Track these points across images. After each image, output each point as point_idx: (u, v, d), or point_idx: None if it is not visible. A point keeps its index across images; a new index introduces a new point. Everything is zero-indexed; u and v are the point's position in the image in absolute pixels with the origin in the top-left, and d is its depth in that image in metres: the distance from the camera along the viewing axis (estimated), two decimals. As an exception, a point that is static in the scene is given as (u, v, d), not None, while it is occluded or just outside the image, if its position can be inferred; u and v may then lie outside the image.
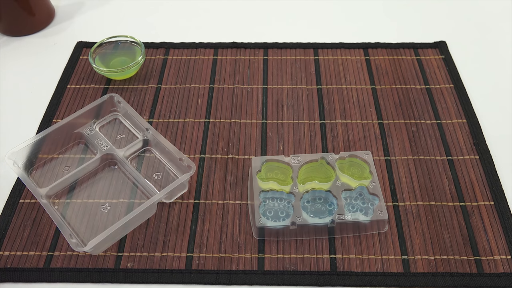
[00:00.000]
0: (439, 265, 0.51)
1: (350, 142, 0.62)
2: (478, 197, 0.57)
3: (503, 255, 0.52)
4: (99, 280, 0.51)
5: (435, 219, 0.55)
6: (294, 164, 0.57)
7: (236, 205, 0.56)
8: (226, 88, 0.69)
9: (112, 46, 0.71)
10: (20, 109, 0.67)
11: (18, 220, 0.55)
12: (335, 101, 0.67)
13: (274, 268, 0.51)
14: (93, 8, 0.83)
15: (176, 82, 0.70)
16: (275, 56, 0.73)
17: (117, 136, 0.62)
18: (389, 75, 0.70)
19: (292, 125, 0.64)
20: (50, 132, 0.59)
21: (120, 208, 0.56)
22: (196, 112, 0.66)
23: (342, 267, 0.51)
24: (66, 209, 0.55)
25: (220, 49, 0.74)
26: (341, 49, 0.74)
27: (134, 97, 0.68)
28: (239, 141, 0.62)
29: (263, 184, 0.55)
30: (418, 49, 0.74)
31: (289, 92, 0.68)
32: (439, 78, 0.70)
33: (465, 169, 0.59)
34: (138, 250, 0.53)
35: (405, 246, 0.53)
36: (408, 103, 0.66)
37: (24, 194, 0.57)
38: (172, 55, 0.73)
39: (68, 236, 0.49)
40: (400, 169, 0.59)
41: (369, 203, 0.54)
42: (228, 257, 0.52)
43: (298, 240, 0.53)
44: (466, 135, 0.63)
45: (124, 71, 0.67)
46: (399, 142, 0.62)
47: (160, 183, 0.57)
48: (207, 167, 0.60)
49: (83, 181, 0.58)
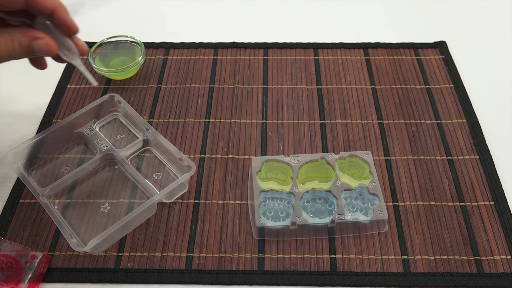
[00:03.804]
0: (439, 265, 0.51)
1: (350, 142, 0.62)
2: (478, 197, 0.57)
3: (503, 255, 0.52)
4: (99, 280, 0.51)
5: (435, 219, 0.55)
6: (294, 164, 0.57)
7: (236, 205, 0.56)
8: (226, 88, 0.69)
9: (112, 46, 0.71)
10: (20, 109, 0.67)
11: (18, 220, 0.55)
12: (335, 101, 0.67)
13: (274, 268, 0.51)
14: (93, 8, 0.83)
15: (176, 82, 0.70)
16: (275, 56, 0.73)
17: (117, 136, 0.62)
18: (389, 75, 0.70)
19: (292, 125, 0.64)
20: (50, 132, 0.59)
21: (120, 208, 0.56)
22: (196, 112, 0.66)
23: (342, 267, 0.51)
24: (66, 209, 0.55)
25: (220, 49, 0.74)
26: (341, 49, 0.74)
27: (134, 97, 0.68)
28: (239, 141, 0.62)
29: (263, 184, 0.55)
30: (418, 49, 0.74)
31: (289, 92, 0.68)
32: (439, 78, 0.70)
33: (465, 169, 0.59)
34: (138, 250, 0.53)
35: (405, 246, 0.53)
36: (408, 103, 0.66)
37: (24, 194, 0.57)
38: (172, 55, 0.73)
39: (68, 236, 0.49)
40: (400, 169, 0.59)
41: (369, 203, 0.54)
42: (228, 257, 0.52)
43: (298, 240, 0.53)
44: (466, 135, 0.63)
45: (124, 71, 0.67)
46: (399, 142, 0.62)
47: (160, 183, 0.57)
48: (207, 167, 0.60)
49: (83, 181, 0.58)
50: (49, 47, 0.49)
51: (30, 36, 0.48)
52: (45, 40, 0.48)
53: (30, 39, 0.48)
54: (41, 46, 0.48)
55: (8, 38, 0.47)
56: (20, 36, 0.48)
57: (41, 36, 0.48)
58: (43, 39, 0.48)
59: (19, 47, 0.48)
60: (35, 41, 0.48)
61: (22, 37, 0.48)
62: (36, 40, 0.48)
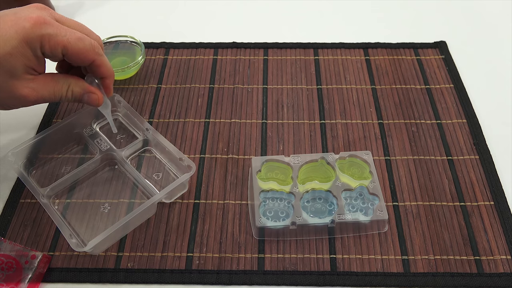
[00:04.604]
0: (439, 265, 0.51)
1: (350, 142, 0.62)
2: (478, 197, 0.57)
3: (503, 255, 0.52)
4: (99, 280, 0.51)
5: (435, 219, 0.55)
6: (294, 164, 0.57)
7: (236, 205, 0.56)
8: (226, 88, 0.69)
9: (112, 46, 0.71)
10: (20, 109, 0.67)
11: (18, 220, 0.55)
12: (335, 101, 0.67)
13: (274, 268, 0.51)
14: (93, 8, 0.83)
15: (176, 82, 0.70)
16: (275, 56, 0.73)
17: (117, 136, 0.62)
18: (389, 75, 0.70)
19: (292, 125, 0.64)
20: (50, 132, 0.59)
21: (120, 208, 0.56)
22: (196, 112, 0.66)
23: (342, 267, 0.51)
24: (66, 209, 0.55)
25: (220, 49, 0.74)
26: (341, 49, 0.74)
27: (134, 97, 0.68)
28: (239, 141, 0.62)
29: (263, 184, 0.55)
30: (418, 49, 0.74)
31: (289, 92, 0.68)
32: (439, 78, 0.70)
33: (465, 169, 0.59)
34: (138, 250, 0.53)
35: (405, 246, 0.53)
36: (408, 103, 0.66)
37: (24, 194, 0.57)
38: (172, 55, 0.73)
39: (68, 236, 0.49)
40: (400, 169, 0.59)
41: (369, 203, 0.54)
42: (228, 257, 0.52)
43: (298, 240, 0.53)
44: (466, 135, 0.63)
45: (124, 71, 0.67)
46: (399, 142, 0.62)
47: (160, 183, 0.57)
48: (207, 167, 0.60)
49: (83, 181, 0.58)
50: (98, 102, 0.54)
51: (83, 88, 0.53)
52: (97, 96, 0.54)
53: (83, 91, 0.53)
54: (92, 100, 0.54)
55: (65, 85, 0.52)
56: (75, 86, 0.52)
57: (93, 91, 0.54)
58: (95, 94, 0.54)
59: (71, 95, 0.53)
60: (87, 94, 0.53)
61: (76, 87, 0.52)
62: (89, 94, 0.53)
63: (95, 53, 0.51)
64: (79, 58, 0.50)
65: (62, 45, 0.48)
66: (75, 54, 0.49)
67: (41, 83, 0.50)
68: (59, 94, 0.51)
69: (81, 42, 0.49)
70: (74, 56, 0.49)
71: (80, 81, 0.53)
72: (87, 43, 0.50)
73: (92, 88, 0.53)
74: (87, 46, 0.50)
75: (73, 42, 0.48)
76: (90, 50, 0.50)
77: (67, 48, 0.48)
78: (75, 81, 0.52)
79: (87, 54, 0.50)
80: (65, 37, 0.48)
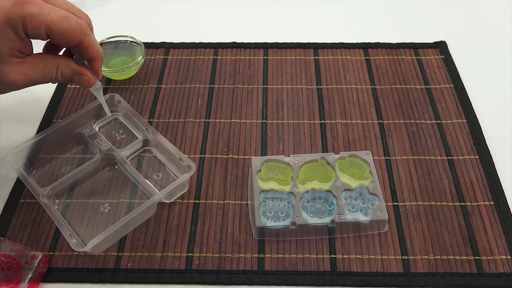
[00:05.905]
0: (439, 265, 0.51)
1: (350, 142, 0.62)
2: (478, 197, 0.57)
3: (503, 255, 0.52)
4: (99, 280, 0.51)
5: (435, 219, 0.55)
6: (294, 164, 0.57)
7: (236, 205, 0.56)
8: (226, 88, 0.69)
9: (112, 46, 0.71)
10: (20, 109, 0.67)
11: (18, 220, 0.55)
12: (335, 101, 0.67)
13: (274, 268, 0.51)
14: (93, 8, 0.83)
15: (176, 82, 0.70)
16: (275, 56, 0.73)
17: (117, 136, 0.62)
18: (389, 75, 0.70)
19: (292, 125, 0.64)
20: (50, 132, 0.59)
21: (120, 208, 0.56)
22: (196, 112, 0.66)
23: (342, 267, 0.51)
24: (66, 209, 0.55)
25: (220, 49, 0.74)
26: (341, 49, 0.74)
27: (134, 97, 0.68)
28: (239, 141, 0.62)
29: (263, 184, 0.55)
30: (418, 49, 0.74)
31: (289, 92, 0.68)
32: (439, 78, 0.70)
33: (465, 169, 0.59)
34: (138, 250, 0.53)
35: (405, 246, 0.53)
36: (408, 103, 0.66)
37: (24, 194, 0.57)
38: (172, 55, 0.74)
39: (68, 236, 0.49)
40: (400, 169, 0.59)
41: (369, 203, 0.54)
42: (228, 257, 0.52)
43: (298, 240, 0.53)
44: (466, 135, 0.63)
45: (124, 71, 0.67)
46: (399, 142, 0.62)
47: (160, 183, 0.57)
48: (207, 167, 0.60)
49: (83, 181, 0.58)
50: (89, 83, 0.53)
51: (73, 69, 0.51)
52: (87, 77, 0.52)
53: (73, 72, 0.51)
54: (82, 82, 0.52)
55: (54, 66, 0.50)
56: (64, 67, 0.50)
57: (84, 73, 0.52)
58: (85, 76, 0.52)
59: (61, 76, 0.51)
60: (78, 75, 0.51)
61: (66, 68, 0.50)
62: (79, 75, 0.52)
63: (82, 33, 0.47)
64: (65, 39, 0.47)
65: (46, 25, 0.45)
66: (59, 34, 0.46)
67: (29, 66, 0.48)
68: (48, 76, 0.49)
69: (66, 21, 0.46)
70: (59, 36, 0.46)
71: (70, 62, 0.51)
72: (73, 22, 0.46)
73: (82, 70, 0.51)
74: (73, 26, 0.46)
75: (57, 21, 0.45)
76: (76, 30, 0.47)
77: (50, 28, 0.45)
78: (65, 62, 0.50)
79: (73, 34, 0.47)
80: (49, 16, 0.45)
